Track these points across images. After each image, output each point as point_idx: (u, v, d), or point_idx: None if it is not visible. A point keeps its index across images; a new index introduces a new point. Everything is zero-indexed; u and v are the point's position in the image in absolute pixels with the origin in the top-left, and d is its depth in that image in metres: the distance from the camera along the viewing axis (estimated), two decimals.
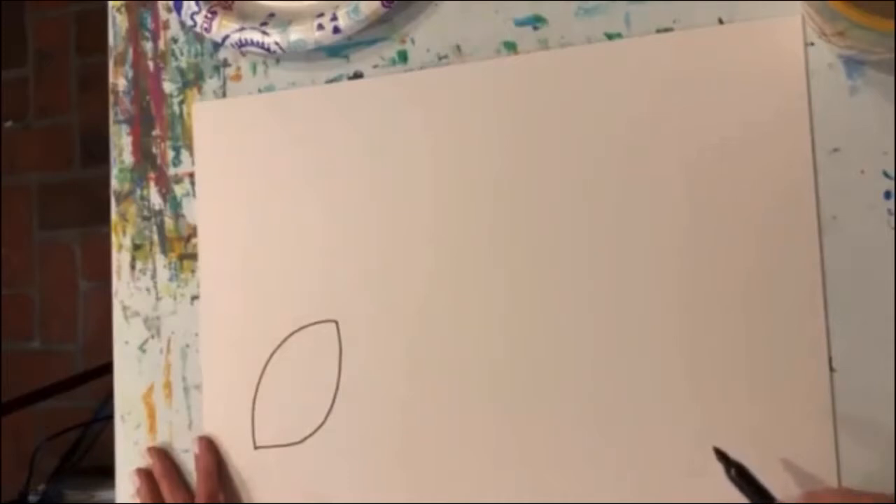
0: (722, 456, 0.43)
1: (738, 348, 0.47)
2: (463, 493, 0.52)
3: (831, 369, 0.45)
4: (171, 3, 0.62)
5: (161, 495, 0.59)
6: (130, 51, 0.65)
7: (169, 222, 0.63)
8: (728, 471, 0.43)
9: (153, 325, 0.63)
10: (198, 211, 0.61)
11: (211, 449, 0.58)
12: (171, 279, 0.62)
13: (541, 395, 0.51)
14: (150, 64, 0.64)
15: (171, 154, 0.63)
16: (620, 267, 0.50)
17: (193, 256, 0.62)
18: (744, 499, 0.42)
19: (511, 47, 0.53)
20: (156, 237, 0.63)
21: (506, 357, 0.52)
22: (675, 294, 0.49)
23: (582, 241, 0.51)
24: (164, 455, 0.61)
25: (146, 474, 0.60)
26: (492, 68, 0.53)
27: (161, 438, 0.62)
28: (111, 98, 0.65)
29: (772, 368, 0.46)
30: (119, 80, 0.65)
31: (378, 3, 0.54)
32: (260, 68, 0.60)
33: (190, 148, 0.62)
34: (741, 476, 0.42)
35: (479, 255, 0.53)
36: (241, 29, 0.58)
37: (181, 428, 0.61)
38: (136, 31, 0.65)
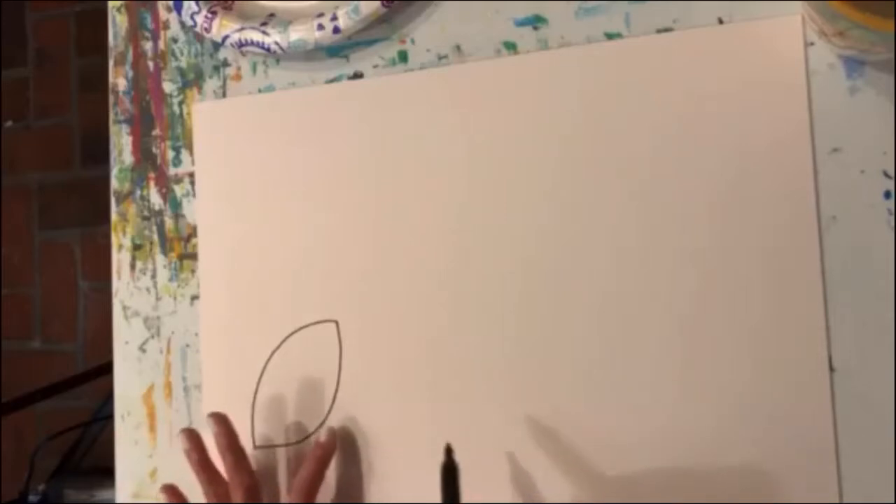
0: (448, 451, 0.44)
1: (738, 348, 0.47)
2: (465, 493, 0.52)
3: (831, 369, 0.45)
4: (171, 3, 0.62)
5: (211, 464, 0.55)
6: (130, 51, 0.65)
7: (169, 222, 0.63)
8: (445, 464, 0.44)
9: (153, 325, 0.63)
10: (197, 211, 0.62)
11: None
12: (171, 279, 0.62)
13: (543, 395, 0.51)
14: (150, 64, 0.64)
15: (171, 154, 0.63)
16: (619, 266, 0.50)
17: (193, 256, 0.62)
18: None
19: (511, 47, 0.53)
20: (156, 237, 0.63)
21: (508, 356, 0.52)
22: (673, 294, 0.48)
23: (581, 240, 0.51)
24: (229, 424, 0.56)
25: (197, 440, 0.56)
26: (492, 68, 0.53)
27: (161, 438, 0.62)
28: (111, 98, 0.65)
29: (772, 368, 0.46)
30: (119, 80, 0.65)
31: (378, 3, 0.54)
32: (260, 68, 0.60)
33: (190, 148, 0.62)
34: (447, 474, 0.43)
35: (481, 255, 0.53)
36: (241, 29, 0.58)
37: (181, 428, 0.61)
38: (136, 31, 0.65)
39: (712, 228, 0.48)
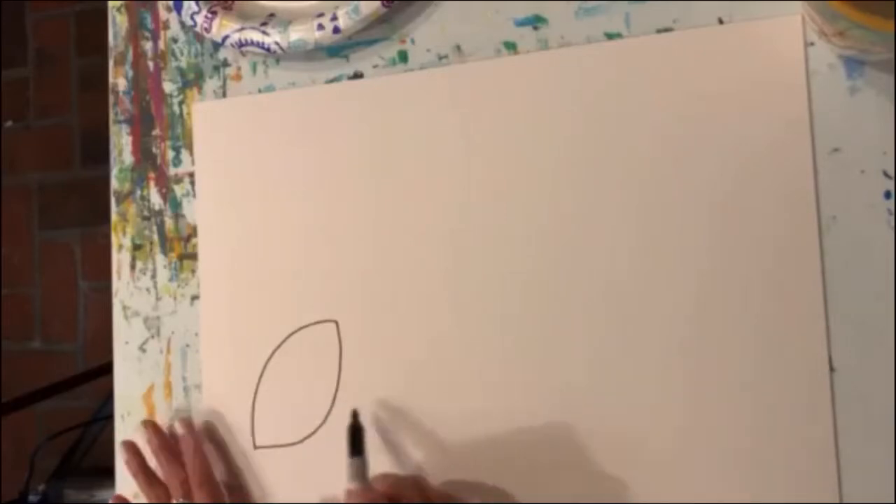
0: (354, 415, 0.51)
1: (738, 348, 0.47)
2: (464, 494, 0.52)
3: (831, 369, 0.45)
4: (171, 3, 0.62)
5: (149, 469, 0.59)
6: (130, 51, 0.65)
7: (169, 222, 0.63)
8: (351, 426, 0.51)
9: (153, 325, 0.63)
10: (198, 211, 0.62)
11: (194, 428, 0.59)
12: (171, 279, 0.62)
13: (543, 395, 0.51)
14: (150, 64, 0.64)
15: (171, 154, 0.63)
16: (618, 266, 0.50)
17: (193, 256, 0.62)
18: None
19: (511, 47, 0.53)
20: (156, 237, 0.63)
21: (509, 356, 0.52)
22: (673, 294, 0.48)
23: (581, 240, 0.51)
24: (160, 430, 0.60)
25: (135, 449, 0.59)
26: (492, 68, 0.53)
27: None
28: (111, 98, 0.65)
29: (772, 368, 0.46)
30: (119, 80, 0.65)
31: (378, 3, 0.54)
32: (260, 68, 0.60)
33: (190, 148, 0.62)
34: (354, 433, 0.50)
35: (481, 255, 0.53)
36: (241, 29, 0.58)
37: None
38: (136, 31, 0.65)
39: (712, 229, 0.48)
